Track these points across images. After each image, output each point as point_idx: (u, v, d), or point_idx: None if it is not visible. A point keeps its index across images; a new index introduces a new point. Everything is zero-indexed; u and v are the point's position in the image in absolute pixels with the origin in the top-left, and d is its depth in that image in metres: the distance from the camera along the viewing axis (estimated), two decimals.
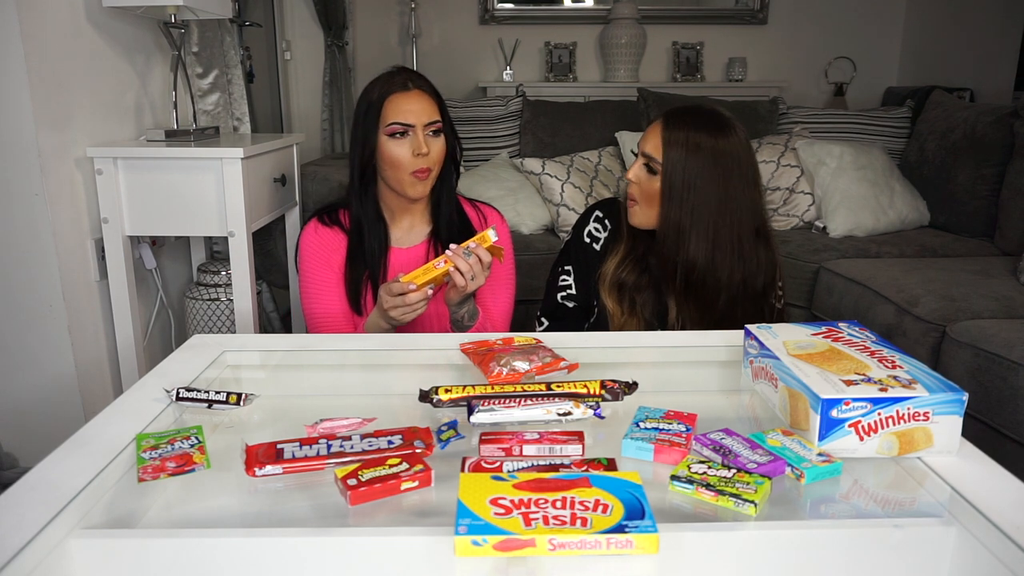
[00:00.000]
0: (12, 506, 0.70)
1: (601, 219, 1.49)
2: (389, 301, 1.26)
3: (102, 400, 1.83)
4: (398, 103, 1.40)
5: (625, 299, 1.41)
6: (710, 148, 1.32)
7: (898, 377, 0.84)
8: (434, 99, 1.43)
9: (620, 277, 1.42)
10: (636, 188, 1.39)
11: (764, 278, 1.39)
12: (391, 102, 1.40)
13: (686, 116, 1.36)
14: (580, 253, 1.50)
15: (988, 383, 1.63)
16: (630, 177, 1.40)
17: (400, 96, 1.40)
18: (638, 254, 1.43)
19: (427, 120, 1.40)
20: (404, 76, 1.44)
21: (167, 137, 1.93)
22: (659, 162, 1.34)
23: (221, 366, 1.11)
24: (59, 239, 1.71)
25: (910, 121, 3.01)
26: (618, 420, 0.91)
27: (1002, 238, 2.46)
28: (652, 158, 1.35)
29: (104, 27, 1.88)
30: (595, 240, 1.49)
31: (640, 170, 1.38)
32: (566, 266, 1.52)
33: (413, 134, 1.40)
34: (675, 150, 1.33)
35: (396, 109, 1.39)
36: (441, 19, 4.13)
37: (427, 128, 1.41)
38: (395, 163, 1.40)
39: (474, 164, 2.93)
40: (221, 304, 2.11)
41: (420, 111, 1.40)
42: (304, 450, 0.81)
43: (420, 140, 1.39)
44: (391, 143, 1.40)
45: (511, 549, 0.64)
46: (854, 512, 0.78)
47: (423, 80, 1.45)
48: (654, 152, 1.35)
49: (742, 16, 4.17)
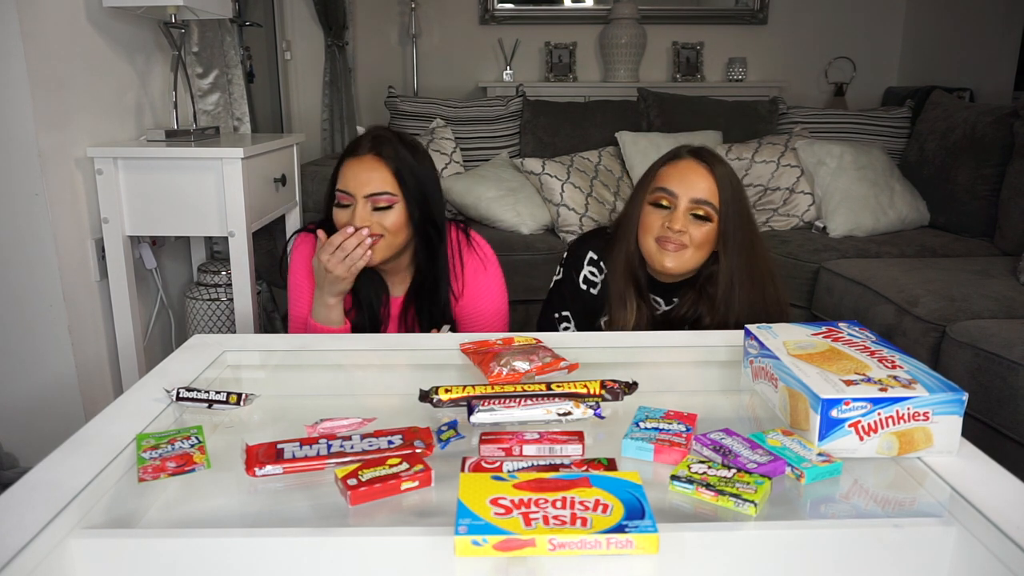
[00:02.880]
0: (12, 506, 0.70)
1: (596, 262, 1.42)
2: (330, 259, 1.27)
3: (102, 400, 1.83)
4: (347, 168, 1.32)
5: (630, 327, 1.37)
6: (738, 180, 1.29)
7: (898, 377, 0.84)
8: (389, 167, 1.31)
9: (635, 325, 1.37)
10: (686, 237, 1.28)
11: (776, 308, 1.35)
12: (344, 166, 1.33)
13: (707, 152, 1.31)
14: (578, 301, 1.43)
15: (988, 383, 1.63)
16: (678, 228, 1.27)
17: (352, 162, 1.32)
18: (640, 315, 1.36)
19: (369, 191, 1.30)
20: (369, 138, 1.34)
21: (167, 137, 1.93)
22: (715, 207, 1.27)
23: (221, 366, 1.11)
24: (59, 239, 1.71)
25: (910, 121, 3.01)
26: (618, 420, 0.91)
27: (1002, 238, 2.46)
28: (706, 203, 1.27)
29: (104, 27, 1.88)
30: (592, 286, 1.42)
31: (687, 218, 1.28)
32: (564, 311, 1.45)
33: (353, 205, 1.31)
34: (725, 190, 1.26)
35: (344, 175, 1.32)
36: (441, 19, 4.13)
37: (369, 200, 1.30)
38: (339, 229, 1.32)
39: (474, 164, 2.93)
40: (221, 304, 2.11)
41: (365, 182, 1.30)
42: (304, 450, 0.81)
43: (358, 212, 1.30)
44: (336, 211, 1.33)
45: (511, 549, 0.64)
46: (854, 512, 0.78)
47: (388, 145, 1.33)
48: (709, 196, 1.27)
49: (742, 16, 4.17)
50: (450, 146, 2.86)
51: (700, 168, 1.29)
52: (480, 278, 1.46)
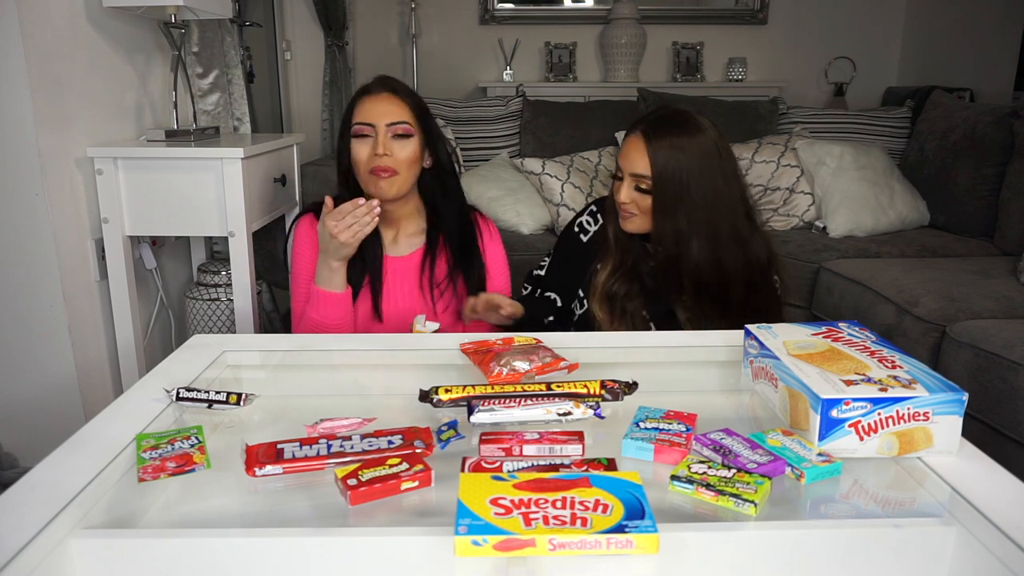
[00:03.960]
0: (12, 506, 0.70)
1: (594, 213, 1.52)
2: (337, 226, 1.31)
3: (102, 400, 1.83)
4: (363, 105, 1.41)
5: (616, 308, 1.41)
6: (693, 149, 1.32)
7: (898, 377, 0.84)
8: (406, 102, 1.42)
9: (611, 289, 1.42)
10: (633, 207, 1.37)
11: (764, 253, 1.40)
12: (359, 104, 1.41)
13: (661, 124, 1.35)
14: (566, 239, 1.53)
15: (988, 383, 1.63)
16: (622, 200, 1.37)
17: (367, 99, 1.41)
18: (628, 265, 1.42)
19: (389, 120, 1.39)
20: (379, 80, 1.44)
21: (167, 137, 1.93)
22: (649, 178, 1.33)
23: (221, 366, 1.11)
24: (59, 239, 1.71)
25: (910, 121, 3.01)
26: (618, 420, 0.91)
27: (1002, 238, 2.46)
28: (642, 176, 1.34)
29: (104, 27, 1.88)
30: (584, 231, 1.51)
31: (630, 191, 1.36)
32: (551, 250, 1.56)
33: (374, 134, 1.39)
34: (661, 161, 1.32)
35: (360, 110, 1.41)
36: (441, 19, 4.13)
37: (390, 129, 1.39)
38: (357, 163, 1.41)
39: (474, 164, 2.93)
40: (221, 304, 2.11)
41: (383, 112, 1.39)
42: (304, 450, 0.81)
43: (380, 140, 1.38)
44: (355, 144, 1.40)
45: (511, 549, 0.64)
46: (854, 512, 0.78)
47: (400, 85, 1.44)
48: (644, 170, 1.33)
49: (742, 16, 4.17)
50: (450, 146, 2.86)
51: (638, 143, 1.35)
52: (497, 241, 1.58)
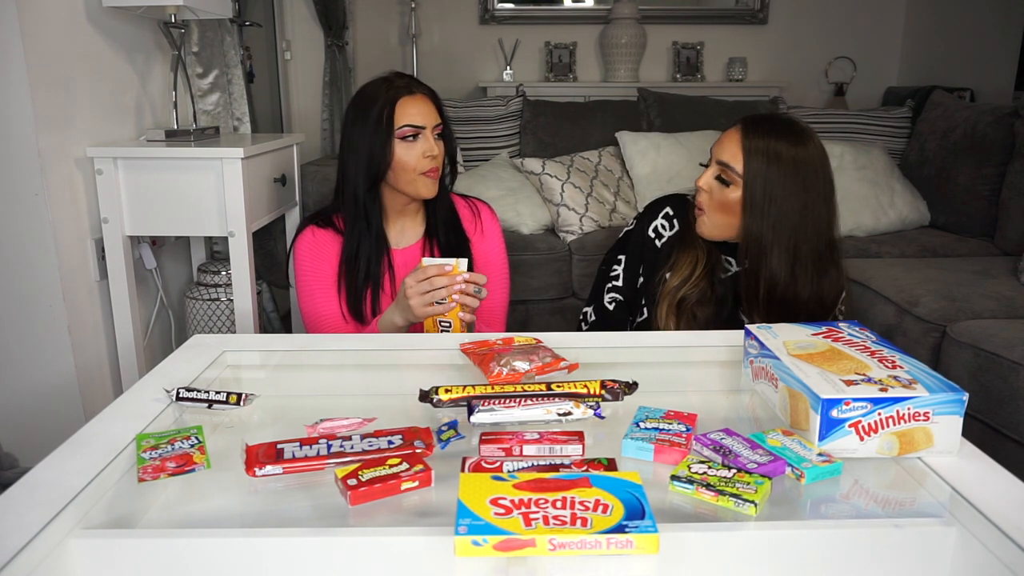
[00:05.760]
0: (12, 506, 0.70)
1: (671, 217, 1.45)
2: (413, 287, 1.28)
3: (102, 400, 1.83)
4: (407, 106, 1.43)
5: (684, 315, 1.36)
6: (791, 158, 1.27)
7: (898, 377, 0.84)
8: (435, 102, 1.47)
9: (684, 294, 1.36)
10: (706, 197, 1.33)
11: (833, 295, 1.34)
12: (401, 106, 1.42)
13: (765, 124, 1.31)
14: (639, 246, 1.45)
15: (988, 383, 1.63)
16: (700, 185, 1.33)
17: (408, 100, 1.43)
18: (705, 271, 1.37)
19: (434, 122, 1.45)
20: (407, 80, 1.46)
21: (167, 137, 1.93)
22: (738, 172, 1.29)
23: (221, 366, 1.11)
24: (59, 239, 1.71)
25: (910, 121, 3.01)
26: (618, 420, 0.91)
27: (1002, 238, 2.46)
28: (730, 167, 1.29)
29: (104, 27, 1.88)
30: (659, 236, 1.44)
31: (712, 179, 1.32)
32: (619, 255, 1.47)
33: (424, 136, 1.43)
34: (756, 159, 1.27)
35: (405, 112, 1.42)
36: (441, 19, 4.13)
37: (434, 130, 1.45)
38: (406, 165, 1.42)
39: (474, 164, 2.93)
40: (221, 304, 2.11)
41: (428, 113, 1.44)
42: (304, 450, 0.81)
43: (431, 142, 1.43)
44: (403, 146, 1.42)
45: (511, 549, 0.64)
46: (854, 512, 0.78)
47: (423, 84, 1.49)
48: (732, 161, 1.29)
49: (742, 16, 4.17)
50: None
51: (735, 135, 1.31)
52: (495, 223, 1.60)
